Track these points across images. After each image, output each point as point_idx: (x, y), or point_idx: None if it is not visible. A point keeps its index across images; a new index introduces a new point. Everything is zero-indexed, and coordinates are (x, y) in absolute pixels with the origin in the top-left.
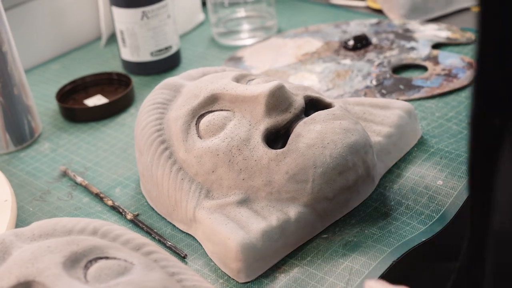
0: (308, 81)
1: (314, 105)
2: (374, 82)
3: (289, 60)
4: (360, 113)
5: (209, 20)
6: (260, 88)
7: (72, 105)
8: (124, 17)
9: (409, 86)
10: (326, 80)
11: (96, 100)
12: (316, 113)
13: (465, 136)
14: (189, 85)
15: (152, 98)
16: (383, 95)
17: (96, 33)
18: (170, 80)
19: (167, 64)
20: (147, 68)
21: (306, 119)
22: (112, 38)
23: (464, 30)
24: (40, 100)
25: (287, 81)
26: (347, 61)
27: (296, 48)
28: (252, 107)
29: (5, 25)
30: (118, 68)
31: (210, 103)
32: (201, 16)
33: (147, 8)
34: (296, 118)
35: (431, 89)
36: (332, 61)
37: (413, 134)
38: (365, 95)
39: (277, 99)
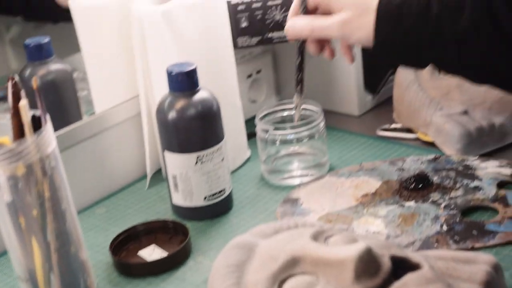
0: (373, 226)
1: (400, 264)
2: (445, 228)
3: (348, 202)
4: (443, 269)
5: (258, 157)
6: (346, 251)
7: (126, 256)
8: (177, 162)
9: (483, 231)
10: (393, 226)
11: (150, 251)
12: (407, 277)
13: None
14: (263, 245)
15: (225, 259)
16: (456, 242)
17: (138, 172)
18: (241, 239)
19: (220, 208)
20: (200, 213)
21: (397, 284)
22: (155, 176)
23: None
24: (90, 250)
25: (369, 237)
26: (411, 203)
27: (354, 188)
28: (338, 272)
29: (64, 181)
30: (166, 211)
31: (291, 266)
32: (247, 153)
33: (202, 153)
34: (386, 283)
35: (506, 234)
36: (395, 203)
37: None
38: (437, 242)
39: (366, 264)
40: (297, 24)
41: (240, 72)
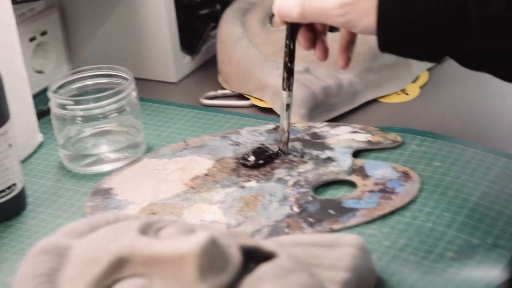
0: (209, 214)
1: (251, 255)
2: (296, 209)
3: (176, 188)
4: (302, 257)
5: (53, 140)
6: (186, 244)
7: None
8: None
9: (341, 209)
10: (233, 212)
11: None
12: (262, 268)
13: (429, 270)
14: (78, 246)
15: (31, 269)
16: (311, 225)
17: None
18: (49, 242)
19: (10, 209)
20: None
21: (251, 278)
22: None
23: (385, 130)
24: None
25: (209, 226)
26: (253, 184)
27: (181, 170)
28: (178, 270)
29: None
30: None
31: (117, 269)
32: (38, 137)
33: None
34: (237, 278)
35: (369, 211)
36: (233, 185)
37: (370, 275)
38: (289, 227)
39: (211, 258)
40: (286, 4)
41: (19, 35)
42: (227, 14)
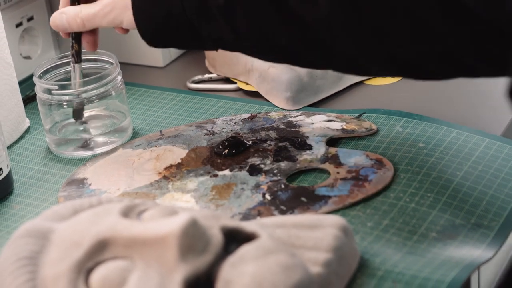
0: (181, 203)
1: (233, 236)
2: (268, 197)
3: (149, 177)
4: (284, 238)
5: (40, 126)
6: (167, 226)
7: None
8: None
9: (313, 197)
10: (205, 200)
11: None
12: (243, 249)
13: (412, 250)
14: (61, 229)
15: (13, 252)
16: (283, 212)
17: None
18: (31, 225)
19: None
20: None
21: (232, 259)
22: None
23: (360, 119)
24: None
25: (191, 208)
26: (226, 172)
27: (155, 160)
28: (160, 252)
29: None
30: None
31: (99, 251)
32: (25, 122)
33: None
34: (218, 259)
35: (341, 199)
36: (206, 173)
37: (352, 256)
38: (260, 214)
39: (192, 239)
40: (66, 16)
41: (5, 21)
42: None
